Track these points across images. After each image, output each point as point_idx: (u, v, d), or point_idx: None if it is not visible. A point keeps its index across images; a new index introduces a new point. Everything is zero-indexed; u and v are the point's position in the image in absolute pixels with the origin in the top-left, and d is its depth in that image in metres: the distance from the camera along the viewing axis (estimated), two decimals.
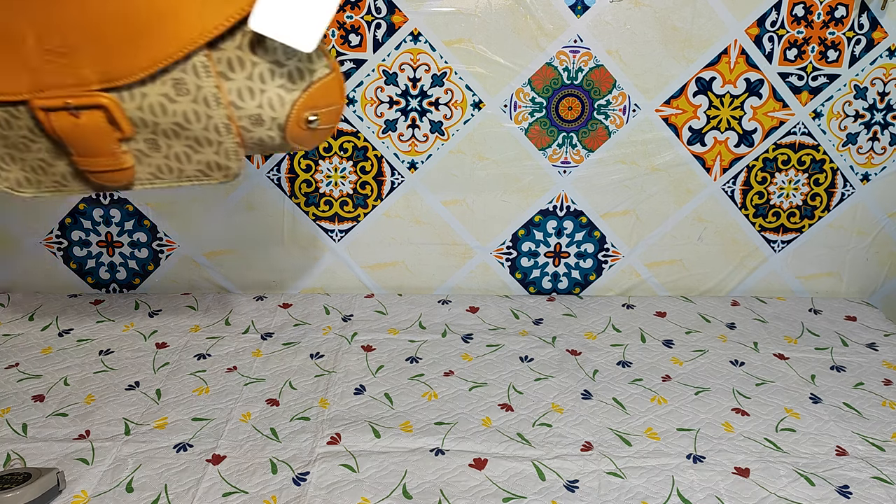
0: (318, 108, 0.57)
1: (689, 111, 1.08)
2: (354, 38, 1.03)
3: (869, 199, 1.15)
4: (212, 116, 0.55)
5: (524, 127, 1.08)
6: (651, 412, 0.89)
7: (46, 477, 0.73)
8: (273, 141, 0.58)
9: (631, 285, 1.18)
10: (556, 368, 0.97)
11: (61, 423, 0.85)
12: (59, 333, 1.04)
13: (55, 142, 0.57)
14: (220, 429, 0.85)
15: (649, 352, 1.01)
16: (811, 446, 0.84)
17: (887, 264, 1.19)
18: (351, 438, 0.83)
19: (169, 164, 0.58)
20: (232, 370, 0.96)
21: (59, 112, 0.54)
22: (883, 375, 0.97)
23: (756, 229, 1.15)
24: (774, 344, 1.04)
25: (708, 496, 0.76)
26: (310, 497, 0.75)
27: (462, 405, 0.90)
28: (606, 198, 1.12)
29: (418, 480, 0.77)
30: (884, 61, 1.07)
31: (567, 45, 1.04)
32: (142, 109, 0.55)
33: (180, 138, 0.57)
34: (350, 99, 1.06)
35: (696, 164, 1.11)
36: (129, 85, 0.53)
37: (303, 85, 0.56)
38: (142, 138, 0.56)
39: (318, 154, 1.09)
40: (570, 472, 0.79)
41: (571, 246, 1.15)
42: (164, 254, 1.15)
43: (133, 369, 0.96)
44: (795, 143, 1.11)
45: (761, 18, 1.03)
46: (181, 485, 0.76)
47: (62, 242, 1.14)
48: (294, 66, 0.54)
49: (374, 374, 0.96)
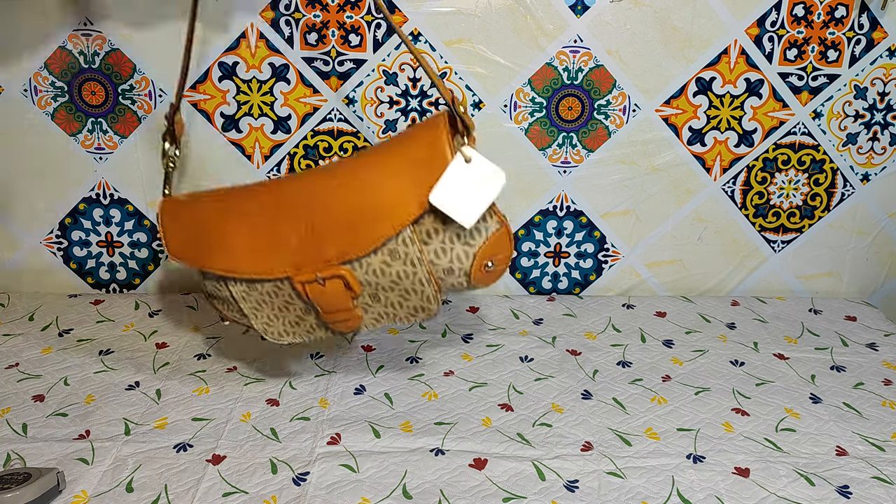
0: (494, 256, 0.73)
1: (689, 111, 1.08)
2: (354, 38, 1.03)
3: (869, 199, 1.15)
4: (417, 273, 0.72)
5: (524, 127, 1.08)
6: (651, 412, 0.89)
7: (46, 477, 0.73)
8: (462, 285, 0.75)
9: (631, 285, 1.18)
10: (556, 368, 0.97)
11: (61, 423, 0.85)
12: (59, 333, 1.04)
13: (307, 303, 0.76)
14: (220, 429, 0.85)
15: (649, 352, 1.01)
16: (811, 446, 0.84)
17: (887, 264, 1.19)
18: (351, 438, 0.83)
19: (387, 310, 0.76)
20: (232, 370, 0.96)
21: (311, 283, 0.73)
22: (883, 375, 0.97)
23: (756, 229, 1.15)
24: (774, 344, 1.04)
25: (708, 496, 0.76)
26: (310, 497, 0.75)
27: (462, 405, 0.90)
28: (606, 198, 1.12)
29: (418, 480, 0.77)
30: (884, 61, 1.07)
31: (567, 45, 1.04)
32: (367, 274, 0.73)
33: (394, 291, 0.74)
34: (350, 99, 1.06)
35: (696, 164, 1.11)
36: (359, 258, 0.71)
37: (480, 241, 0.72)
38: (367, 294, 0.74)
39: (318, 154, 1.09)
40: (570, 472, 0.79)
41: (571, 246, 1.15)
42: (164, 254, 1.15)
43: (133, 369, 0.96)
44: (795, 143, 1.11)
45: (761, 18, 1.03)
46: (181, 485, 0.76)
47: (62, 242, 1.14)
48: (473, 228, 0.71)
49: (374, 374, 0.96)
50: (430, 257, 0.72)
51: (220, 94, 1.06)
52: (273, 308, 0.78)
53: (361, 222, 0.70)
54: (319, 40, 1.03)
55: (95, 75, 1.05)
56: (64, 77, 1.05)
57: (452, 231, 0.72)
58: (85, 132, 1.08)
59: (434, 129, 0.70)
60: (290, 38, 1.03)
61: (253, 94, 1.06)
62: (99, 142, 1.08)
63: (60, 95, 1.06)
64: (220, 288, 0.78)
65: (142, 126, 1.07)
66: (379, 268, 0.72)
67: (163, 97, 1.06)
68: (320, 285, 0.73)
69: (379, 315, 0.77)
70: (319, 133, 1.08)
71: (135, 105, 1.06)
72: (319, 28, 1.03)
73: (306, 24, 1.02)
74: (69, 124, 1.07)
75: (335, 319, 0.76)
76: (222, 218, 0.74)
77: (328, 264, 0.72)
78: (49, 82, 1.05)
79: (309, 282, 0.73)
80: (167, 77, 1.05)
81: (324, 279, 0.72)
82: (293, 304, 0.76)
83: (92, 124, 1.07)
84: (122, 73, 1.05)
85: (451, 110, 0.72)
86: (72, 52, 1.03)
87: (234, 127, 1.07)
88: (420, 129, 0.73)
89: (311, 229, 0.71)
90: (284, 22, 1.02)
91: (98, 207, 1.12)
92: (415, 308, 0.76)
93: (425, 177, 0.69)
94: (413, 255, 0.71)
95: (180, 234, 0.77)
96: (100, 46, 1.03)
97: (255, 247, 0.73)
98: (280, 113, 1.07)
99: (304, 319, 0.78)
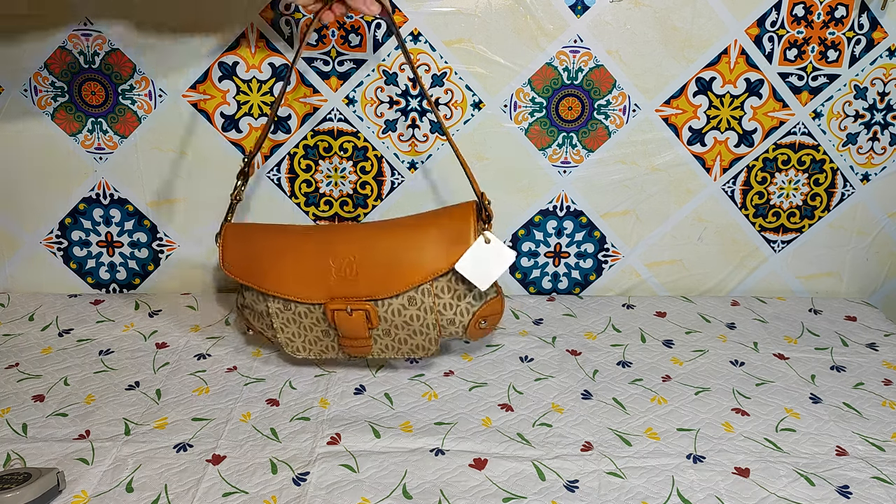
0: (488, 317, 0.92)
1: (689, 111, 1.08)
2: (354, 38, 1.03)
3: (869, 199, 1.15)
4: (426, 319, 0.89)
5: (524, 127, 1.08)
6: (651, 412, 0.89)
7: (46, 477, 0.73)
8: (458, 335, 0.92)
9: (631, 285, 1.18)
10: (556, 368, 0.97)
11: (61, 423, 0.86)
12: (59, 333, 1.04)
13: (330, 327, 0.90)
14: (220, 429, 0.85)
15: (649, 352, 1.02)
16: (811, 446, 0.84)
17: (887, 264, 1.19)
18: (351, 438, 0.83)
19: (394, 344, 0.91)
20: (232, 370, 0.96)
21: (340, 311, 0.88)
22: (883, 375, 0.97)
23: (756, 229, 1.15)
24: (774, 344, 1.04)
25: (708, 496, 0.76)
26: (310, 497, 0.75)
27: (462, 405, 0.90)
28: (606, 198, 1.12)
29: (418, 480, 0.77)
30: (884, 61, 1.07)
31: (567, 45, 1.04)
32: (386, 312, 0.88)
33: (404, 330, 0.89)
34: (350, 99, 1.06)
35: (696, 164, 1.11)
36: (384, 298, 0.87)
37: (480, 304, 0.90)
38: (381, 329, 0.90)
39: (318, 154, 1.09)
40: (570, 472, 0.79)
41: (571, 246, 1.15)
42: (164, 254, 1.15)
43: (133, 369, 0.96)
44: (795, 143, 1.11)
45: (761, 18, 1.03)
46: (181, 485, 0.76)
47: (62, 242, 1.14)
48: (477, 292, 0.90)
49: (374, 374, 0.96)
50: (440, 308, 0.89)
51: (220, 94, 1.06)
52: (300, 326, 0.91)
53: (397, 269, 0.87)
54: (319, 40, 1.03)
55: (95, 75, 1.05)
56: (64, 77, 1.05)
57: (461, 292, 0.89)
58: (85, 132, 1.08)
59: (465, 215, 0.90)
60: (290, 38, 1.03)
61: (253, 94, 1.06)
62: (99, 142, 1.08)
63: (60, 95, 1.06)
64: (259, 302, 0.92)
65: (142, 126, 1.07)
66: (397, 308, 0.88)
67: (163, 97, 1.06)
68: (347, 315, 0.88)
69: (386, 347, 0.92)
70: (319, 133, 1.08)
71: (135, 105, 1.06)
72: (319, 28, 1.03)
73: (306, 24, 1.02)
74: (69, 124, 1.07)
75: (351, 344, 0.91)
76: (278, 250, 0.91)
77: (357, 299, 0.88)
78: (49, 82, 1.05)
79: (339, 310, 0.88)
80: (167, 77, 1.05)
81: (352, 310, 0.88)
82: (318, 326, 0.91)
83: (92, 124, 1.07)
84: (122, 73, 1.05)
85: (479, 202, 0.91)
86: (72, 52, 1.03)
87: (234, 127, 1.07)
88: (454, 211, 0.91)
89: (351, 267, 0.88)
90: (284, 22, 1.02)
91: (98, 207, 1.12)
92: (417, 346, 0.91)
93: (454, 248, 0.87)
94: (427, 305, 0.88)
95: (237, 253, 0.92)
96: (100, 46, 1.03)
97: (301, 275, 0.89)
98: (280, 113, 1.07)
99: (323, 340, 0.92)
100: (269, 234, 0.94)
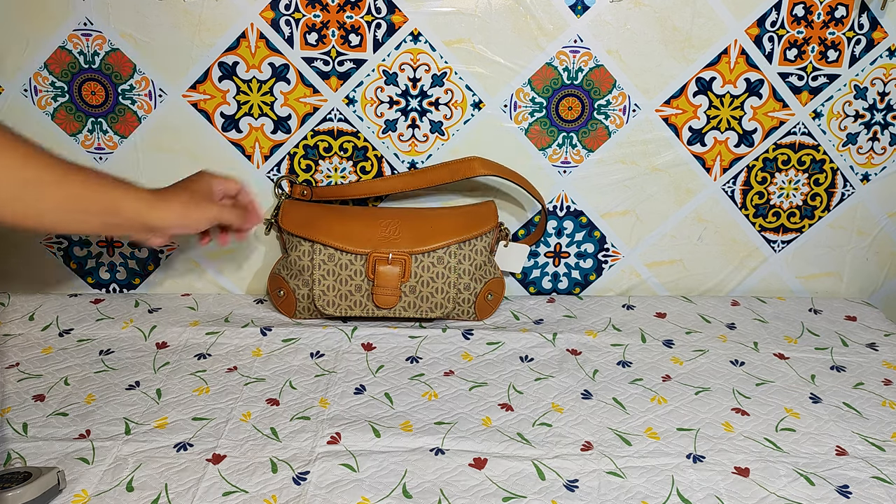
0: (494, 291, 1.09)
1: (689, 111, 1.08)
2: (354, 38, 1.03)
3: (869, 199, 1.15)
4: (448, 277, 1.04)
5: (524, 127, 1.08)
6: (651, 412, 0.89)
7: (47, 476, 0.73)
8: (468, 302, 1.07)
9: (631, 285, 1.18)
10: (556, 368, 0.97)
11: (62, 422, 0.86)
12: (59, 333, 1.04)
13: (364, 280, 1.04)
14: (221, 428, 0.85)
15: (649, 352, 1.02)
16: (811, 446, 0.84)
17: (887, 264, 1.20)
18: (351, 438, 0.83)
19: (416, 301, 1.05)
20: (232, 370, 0.96)
21: (382, 259, 1.03)
22: (883, 375, 0.97)
23: (756, 229, 1.15)
24: (774, 344, 1.04)
25: (708, 496, 0.76)
26: (310, 496, 0.75)
27: (462, 405, 0.90)
28: (606, 198, 1.13)
29: (418, 480, 0.77)
30: (884, 61, 1.07)
31: (567, 45, 1.04)
32: (418, 267, 1.04)
33: (428, 287, 1.04)
34: (350, 99, 1.06)
35: (696, 164, 1.11)
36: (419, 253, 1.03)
37: (489, 278, 1.08)
38: (408, 286, 1.04)
39: (318, 154, 1.09)
40: (570, 472, 0.79)
41: (571, 246, 1.15)
42: (164, 254, 1.15)
43: (133, 369, 0.96)
44: (795, 143, 1.11)
45: (761, 18, 1.03)
46: (181, 484, 0.76)
47: (62, 242, 1.14)
48: (487, 270, 1.08)
49: (374, 374, 0.96)
50: (459, 272, 1.04)
51: (220, 94, 1.06)
52: (337, 279, 1.04)
53: (431, 232, 1.04)
54: (319, 40, 1.03)
55: (95, 75, 1.05)
56: (64, 77, 1.05)
57: (479, 262, 1.06)
58: (85, 132, 1.08)
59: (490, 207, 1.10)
60: (290, 38, 1.03)
61: (253, 93, 1.06)
62: (99, 142, 1.08)
63: (60, 95, 1.06)
64: (304, 257, 1.05)
65: (142, 126, 1.07)
66: (427, 265, 1.04)
67: (163, 97, 1.06)
68: (387, 261, 1.03)
69: (409, 305, 1.04)
70: (319, 133, 1.08)
71: (135, 105, 1.06)
72: (319, 28, 1.03)
73: (306, 24, 1.02)
74: (69, 124, 1.07)
75: (382, 293, 1.04)
76: (331, 214, 1.06)
77: (397, 251, 1.03)
78: (49, 82, 1.05)
79: (381, 257, 1.03)
80: (167, 77, 1.05)
81: (392, 257, 1.03)
82: (354, 279, 1.04)
83: (92, 124, 1.07)
84: (122, 73, 1.05)
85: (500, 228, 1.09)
86: (72, 52, 1.03)
87: (234, 127, 1.07)
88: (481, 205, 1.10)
89: (396, 230, 1.04)
90: (284, 22, 1.02)
91: None
92: (436, 305, 1.05)
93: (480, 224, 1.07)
94: (452, 264, 1.04)
95: (292, 218, 1.06)
96: (100, 46, 1.03)
97: (349, 233, 1.04)
98: (280, 113, 1.07)
99: (353, 295, 1.04)
100: (322, 206, 1.09)
